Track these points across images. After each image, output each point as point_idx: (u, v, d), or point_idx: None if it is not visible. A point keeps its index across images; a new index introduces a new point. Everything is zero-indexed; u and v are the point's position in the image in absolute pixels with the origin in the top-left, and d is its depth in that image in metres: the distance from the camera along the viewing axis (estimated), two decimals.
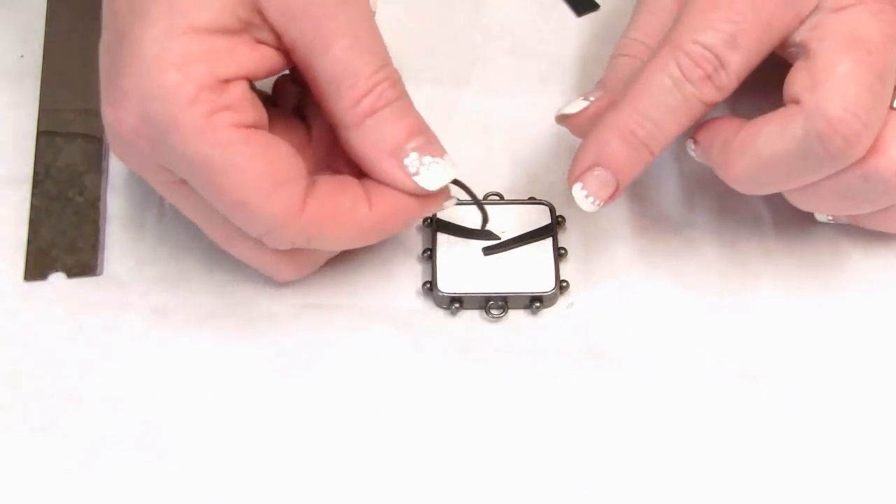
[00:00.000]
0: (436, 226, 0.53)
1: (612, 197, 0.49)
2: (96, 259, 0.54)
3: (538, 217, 0.54)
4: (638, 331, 0.52)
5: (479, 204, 0.52)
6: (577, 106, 0.51)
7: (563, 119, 0.52)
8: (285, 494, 0.49)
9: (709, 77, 0.47)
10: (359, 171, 0.50)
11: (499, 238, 0.53)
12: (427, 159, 0.48)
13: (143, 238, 0.54)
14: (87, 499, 0.49)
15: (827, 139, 0.45)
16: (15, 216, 0.55)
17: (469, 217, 0.53)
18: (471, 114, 0.57)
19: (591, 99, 0.51)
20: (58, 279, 0.53)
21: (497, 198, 0.55)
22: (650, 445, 0.49)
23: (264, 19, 0.47)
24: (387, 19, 0.50)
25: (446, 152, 0.49)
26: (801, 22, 0.48)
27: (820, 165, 0.47)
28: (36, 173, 0.55)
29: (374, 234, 0.50)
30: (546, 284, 0.52)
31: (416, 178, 0.48)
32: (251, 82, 0.47)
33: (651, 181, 0.55)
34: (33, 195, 0.55)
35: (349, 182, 0.49)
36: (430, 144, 0.49)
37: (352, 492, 0.49)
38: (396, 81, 0.49)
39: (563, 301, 0.53)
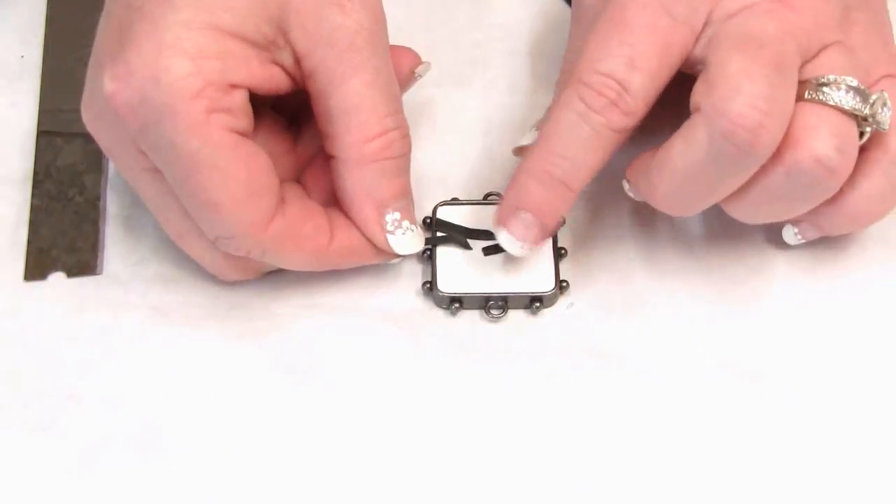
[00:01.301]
0: (436, 226, 0.53)
1: (540, 239, 0.50)
2: (96, 259, 0.54)
3: None
4: (638, 331, 0.52)
5: (464, 242, 0.53)
6: (530, 137, 0.52)
7: (519, 151, 0.53)
8: (285, 494, 0.49)
9: (614, 103, 0.47)
10: (328, 196, 0.51)
11: None
12: (406, 224, 0.50)
13: (143, 238, 0.54)
14: (87, 499, 0.49)
15: (731, 136, 0.45)
16: (15, 216, 0.55)
17: (469, 217, 0.53)
18: (471, 114, 0.57)
19: None
20: (58, 279, 0.53)
21: (497, 198, 0.55)
22: (650, 445, 0.49)
23: (287, 41, 0.48)
24: (387, 19, 0.50)
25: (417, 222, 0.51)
26: (697, 38, 0.48)
27: (733, 165, 0.46)
28: (36, 173, 0.55)
29: (326, 265, 0.51)
30: (546, 284, 0.52)
31: (389, 237, 0.50)
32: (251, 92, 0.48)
33: None
34: (33, 195, 0.55)
35: (317, 211, 0.50)
36: (410, 210, 0.51)
37: (352, 491, 0.49)
38: (406, 133, 0.50)
39: (563, 301, 0.53)
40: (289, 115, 0.53)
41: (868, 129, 0.47)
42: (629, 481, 0.49)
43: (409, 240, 0.51)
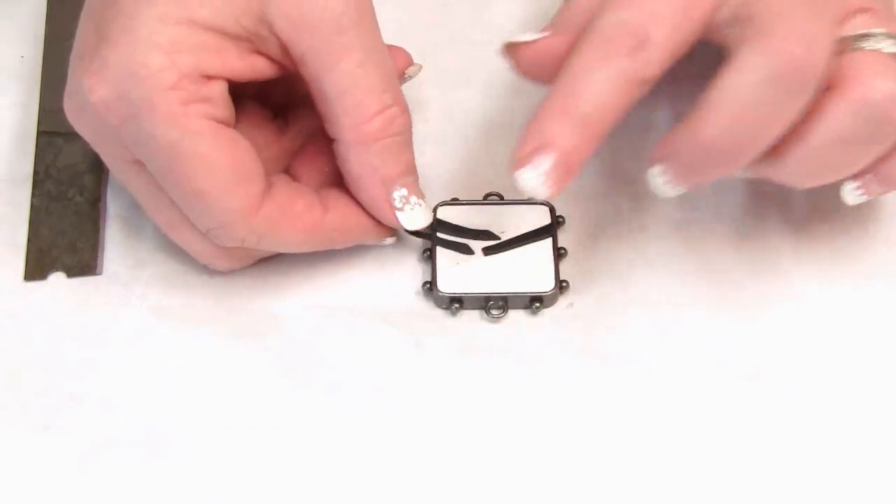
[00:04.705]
0: (436, 226, 0.53)
1: (559, 182, 0.47)
2: (96, 259, 0.54)
3: (538, 217, 0.54)
4: (638, 331, 0.52)
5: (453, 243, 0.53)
6: (528, 36, 0.51)
7: (511, 49, 0.51)
8: (286, 494, 0.49)
9: (635, 50, 0.47)
10: (320, 183, 0.51)
11: (498, 238, 0.53)
12: (413, 199, 0.51)
13: (143, 238, 0.54)
14: (87, 499, 0.49)
15: (784, 54, 0.45)
16: (15, 216, 0.55)
17: (469, 217, 0.53)
18: (471, 114, 0.57)
19: (545, 34, 0.50)
20: (58, 279, 0.53)
21: (497, 198, 0.55)
22: (650, 445, 0.49)
23: (271, 31, 0.48)
24: (387, 20, 0.50)
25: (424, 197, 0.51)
26: (720, 4, 0.48)
27: (787, 90, 0.46)
28: (36, 173, 0.55)
29: (322, 242, 0.51)
30: (546, 284, 0.52)
31: (398, 214, 0.50)
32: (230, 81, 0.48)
33: None
34: (33, 195, 0.55)
35: (305, 190, 0.50)
36: (416, 185, 0.51)
37: (352, 492, 0.49)
38: (406, 109, 0.50)
39: (563, 301, 0.53)
40: (273, 106, 0.53)
41: None
42: (629, 481, 0.49)
43: (417, 215, 0.51)
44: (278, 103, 0.53)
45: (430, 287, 0.52)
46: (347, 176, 0.50)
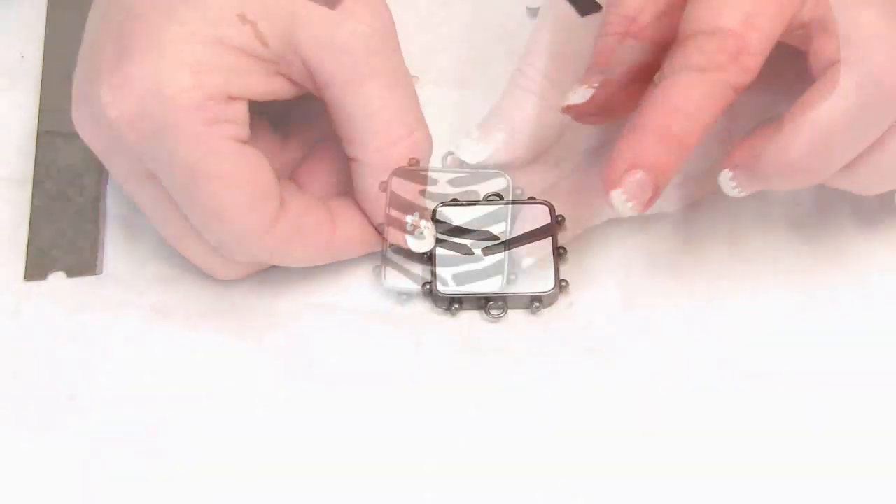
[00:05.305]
0: (436, 226, 0.53)
1: (651, 200, 0.47)
2: (96, 259, 0.54)
3: (538, 217, 0.54)
4: (638, 331, 0.52)
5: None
6: (583, 94, 0.50)
7: (569, 109, 0.51)
8: (286, 494, 0.49)
9: (734, 60, 0.46)
10: (325, 193, 0.52)
11: (498, 238, 0.53)
12: (423, 223, 0.51)
13: (143, 237, 0.54)
14: (87, 499, 0.49)
15: (880, 81, 0.45)
16: (15, 216, 0.55)
17: (469, 217, 0.53)
18: (471, 114, 0.57)
19: (595, 85, 0.50)
20: (58, 279, 0.53)
21: (497, 198, 0.55)
22: (650, 445, 0.49)
23: (297, 54, 0.48)
24: None
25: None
26: (804, 3, 0.47)
27: (879, 112, 0.46)
28: (36, 173, 0.55)
29: (332, 257, 0.51)
30: (546, 284, 0.52)
31: (407, 237, 0.51)
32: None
33: None
34: (33, 195, 0.55)
35: (314, 203, 0.51)
36: (426, 210, 0.51)
37: (352, 492, 0.49)
38: (428, 133, 0.50)
39: (563, 301, 0.53)
40: (272, 116, 0.53)
41: None
42: (629, 481, 0.49)
43: (425, 239, 0.51)
44: (276, 114, 0.53)
45: (430, 287, 0.52)
46: (363, 194, 0.51)
